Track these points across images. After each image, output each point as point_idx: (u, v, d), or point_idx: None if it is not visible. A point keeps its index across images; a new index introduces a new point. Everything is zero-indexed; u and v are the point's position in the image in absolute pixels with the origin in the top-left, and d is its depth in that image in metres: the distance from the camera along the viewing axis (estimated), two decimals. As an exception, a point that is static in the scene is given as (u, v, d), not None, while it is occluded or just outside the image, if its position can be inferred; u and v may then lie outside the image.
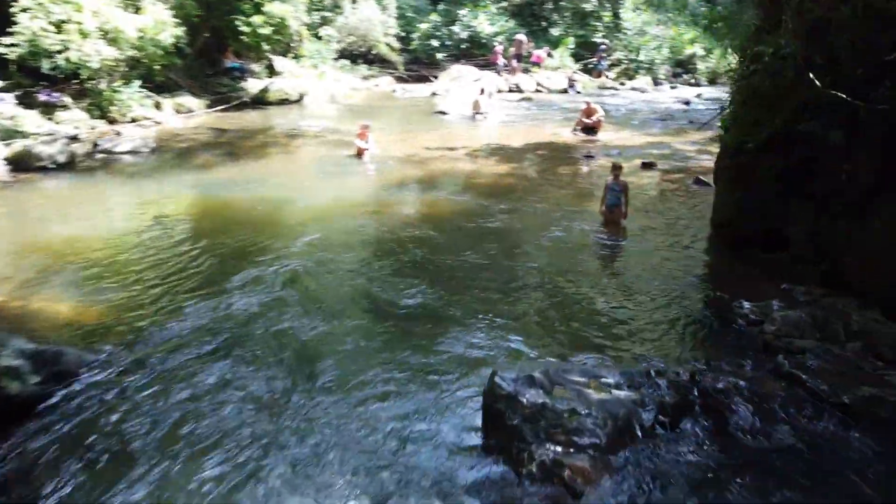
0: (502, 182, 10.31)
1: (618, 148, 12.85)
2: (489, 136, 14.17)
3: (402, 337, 5.30)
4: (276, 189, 9.81)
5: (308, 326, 5.43)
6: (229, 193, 9.51)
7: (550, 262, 6.96)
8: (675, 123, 16.04)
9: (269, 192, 9.62)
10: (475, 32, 24.80)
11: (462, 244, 7.40)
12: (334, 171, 11.00)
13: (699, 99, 20.75)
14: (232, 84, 18.93)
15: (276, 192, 9.66)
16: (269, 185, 9.97)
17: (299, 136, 14.15)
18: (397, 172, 10.93)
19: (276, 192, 9.61)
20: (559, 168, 11.34)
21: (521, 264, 6.88)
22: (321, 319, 5.58)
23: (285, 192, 9.64)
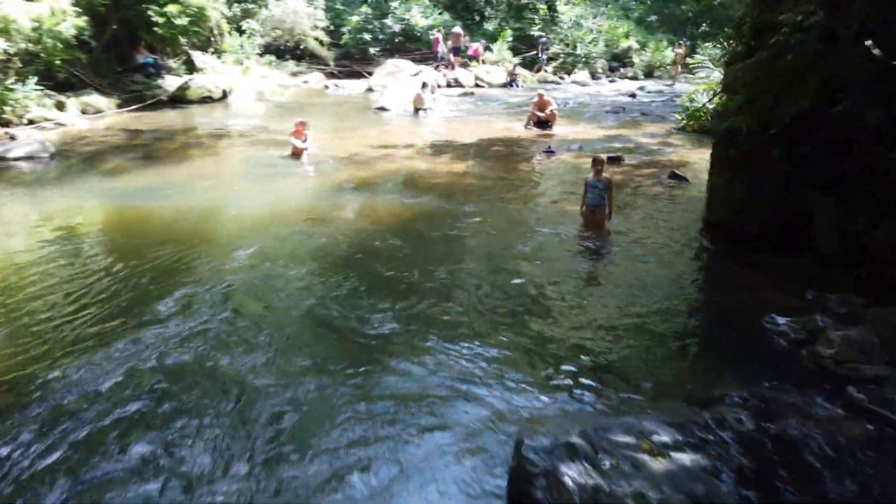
0: (461, 182, 9.26)
1: (577, 142, 12.03)
2: (436, 132, 13.12)
3: (374, 375, 4.19)
4: (202, 196, 8.45)
5: (256, 366, 4.26)
6: (147, 203, 8.10)
7: (533, 274, 5.96)
8: (628, 116, 15.41)
9: (195, 199, 8.27)
10: (409, 25, 23.69)
11: (428, 255, 6.33)
12: (269, 174, 9.69)
13: (643, 91, 20.31)
14: (147, 81, 17.15)
15: (203, 199, 8.31)
16: (194, 192, 8.60)
17: (226, 136, 12.69)
18: (341, 173, 9.73)
19: (203, 200, 8.26)
20: (520, 165, 10.39)
21: (501, 277, 5.84)
22: (272, 355, 4.42)
23: (214, 200, 8.31)
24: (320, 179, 9.52)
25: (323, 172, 9.92)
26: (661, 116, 15.21)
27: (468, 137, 12.46)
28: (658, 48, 27.87)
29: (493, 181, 9.36)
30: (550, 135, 12.84)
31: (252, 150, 11.41)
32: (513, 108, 16.82)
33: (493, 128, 13.65)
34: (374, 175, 9.65)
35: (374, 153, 11.09)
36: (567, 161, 10.51)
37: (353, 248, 6.57)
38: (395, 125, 13.94)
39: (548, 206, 8.13)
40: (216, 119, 14.78)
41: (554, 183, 9.22)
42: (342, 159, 10.65)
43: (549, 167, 10.18)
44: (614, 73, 26.87)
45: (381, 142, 12.03)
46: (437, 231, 7.12)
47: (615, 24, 28.55)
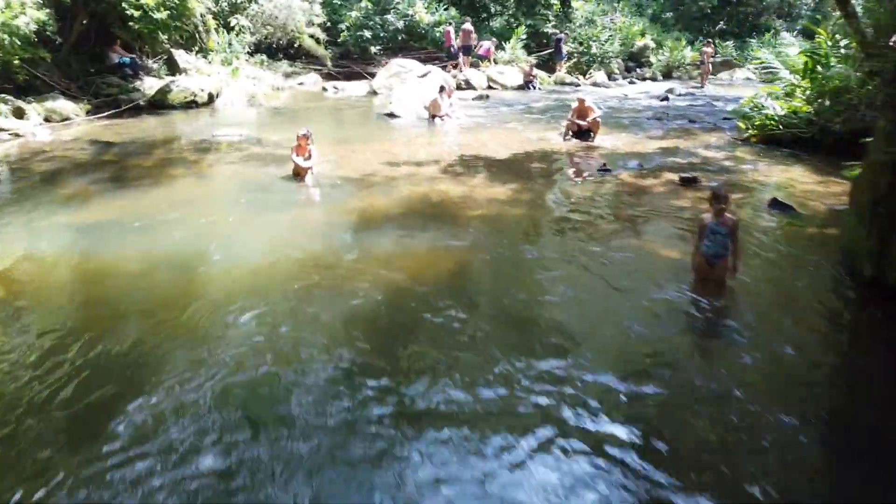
0: (509, 214, 7.36)
1: (630, 156, 10.16)
2: (460, 144, 11.20)
3: None
4: (183, 235, 6.52)
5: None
6: (111, 246, 6.18)
7: (642, 356, 4.09)
8: (674, 123, 13.55)
9: (173, 240, 6.34)
10: (412, 22, 21.75)
11: (501, 338, 4.43)
12: (265, 202, 7.77)
13: (673, 94, 18.47)
14: (122, 84, 15.18)
15: (183, 239, 6.38)
16: (172, 230, 6.67)
17: (212, 150, 10.72)
18: (356, 200, 7.82)
19: (183, 241, 6.33)
20: (574, 189, 8.49)
21: (600, 362, 3.96)
22: None
23: (197, 240, 6.37)
24: (331, 209, 7.58)
25: (333, 199, 7.98)
26: (713, 124, 13.37)
27: (500, 151, 10.56)
28: (676, 47, 26.10)
29: (548, 212, 7.47)
30: (594, 147, 10.97)
31: (244, 169, 9.46)
32: (538, 113, 14.94)
33: (524, 138, 11.76)
34: (397, 203, 7.72)
35: (391, 171, 9.17)
36: (630, 183, 8.64)
37: (391, 320, 4.68)
38: (410, 135, 12.00)
39: (633, 247, 6.23)
40: (201, 128, 12.80)
41: (627, 215, 7.32)
42: (354, 180, 8.73)
43: (611, 192, 8.28)
44: (630, 74, 25.08)
45: (397, 157, 10.11)
46: (501, 292, 5.22)
47: (630, 21, 26.76)
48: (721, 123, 13.40)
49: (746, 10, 29.47)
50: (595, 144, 11.12)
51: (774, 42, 26.87)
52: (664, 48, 26.26)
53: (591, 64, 23.96)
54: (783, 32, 27.87)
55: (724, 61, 25.66)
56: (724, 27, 29.66)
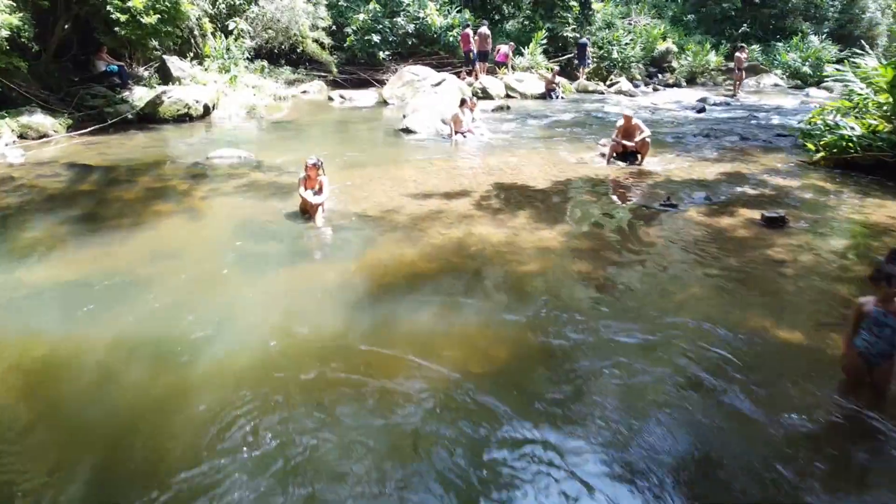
0: (568, 271, 5.95)
1: (692, 185, 8.75)
2: (489, 168, 9.77)
3: None
4: (166, 302, 5.17)
5: None
6: (73, 322, 4.84)
7: None
8: (725, 141, 12.11)
9: (154, 311, 4.99)
10: (424, 25, 20.31)
11: (575, 460, 3.04)
12: (267, 253, 6.37)
13: (707, 104, 17.03)
14: (109, 95, 13.76)
15: (166, 310, 5.03)
16: (153, 294, 5.30)
17: (206, 177, 9.30)
18: (378, 250, 6.42)
19: (166, 313, 4.98)
20: (639, 232, 7.06)
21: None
22: None
23: (183, 312, 5.00)
24: (348, 263, 6.17)
25: (349, 247, 6.58)
26: (768, 142, 11.95)
27: (537, 178, 9.14)
28: (700, 52, 24.67)
29: (614, 267, 6.04)
30: (644, 172, 9.55)
31: (242, 202, 8.05)
32: (569, 128, 13.52)
33: (560, 160, 10.34)
34: (428, 254, 6.32)
35: (416, 207, 7.76)
36: (703, 223, 7.22)
37: (442, 449, 3.27)
38: (431, 157, 10.58)
39: (739, 327, 4.81)
40: (195, 146, 11.39)
41: (715, 273, 5.89)
42: (373, 219, 7.32)
43: (685, 237, 6.86)
44: (652, 80, 23.64)
45: (421, 185, 8.70)
46: (583, 402, 3.81)
47: (650, 24, 25.35)
48: (776, 141, 11.98)
49: (771, 13, 28.03)
50: (644, 169, 9.71)
51: (802, 46, 25.52)
52: (687, 53, 24.82)
53: (611, 70, 22.55)
54: (811, 36, 26.54)
55: (751, 66, 24.22)
56: (748, 30, 28.23)
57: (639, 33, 23.87)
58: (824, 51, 25.21)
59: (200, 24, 16.63)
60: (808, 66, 24.86)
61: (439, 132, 12.47)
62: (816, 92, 21.51)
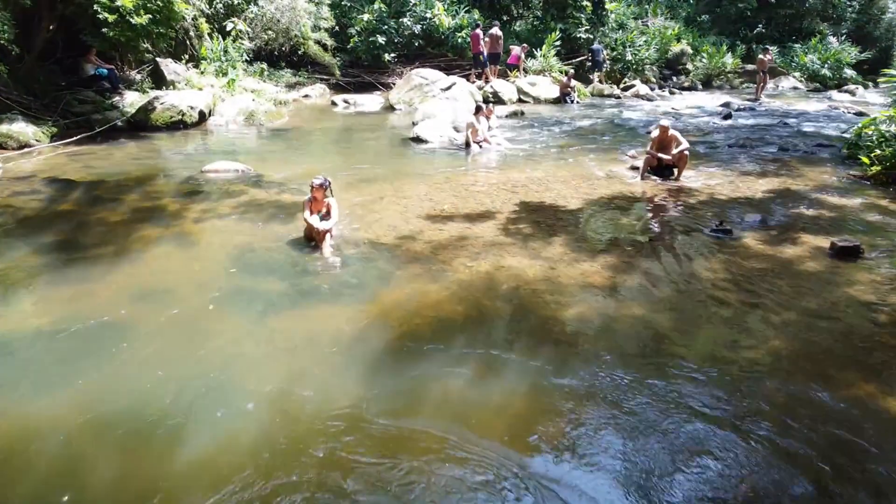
0: (620, 316, 5.08)
1: (739, 205, 7.87)
2: (513, 185, 8.87)
3: None
4: (143, 358, 4.38)
5: None
6: (32, 387, 3.99)
7: None
8: (764, 152, 11.21)
9: (133, 379, 4.18)
10: (431, 25, 19.41)
11: None
12: (267, 293, 5.51)
13: (733, 110, 16.11)
14: (98, 100, 12.86)
15: (142, 370, 4.23)
16: (129, 348, 4.50)
17: (199, 195, 8.41)
18: (395, 292, 5.57)
19: (142, 375, 4.19)
20: (694, 264, 6.16)
21: None
22: None
23: (163, 375, 4.18)
24: (360, 306, 5.30)
25: (362, 285, 5.70)
26: (809, 153, 11.06)
27: (567, 197, 8.25)
28: (716, 54, 23.76)
29: (672, 311, 5.15)
30: (684, 189, 8.65)
31: (238, 226, 7.16)
32: (590, 136, 12.63)
33: (588, 174, 9.45)
34: (454, 294, 5.45)
35: (436, 232, 6.87)
36: (763, 254, 6.33)
37: None
38: (446, 170, 9.69)
39: (842, 396, 3.93)
40: (189, 158, 10.49)
41: (793, 319, 5.00)
42: (388, 248, 6.44)
43: (746, 271, 5.96)
44: (667, 83, 22.73)
45: (437, 205, 7.82)
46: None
47: (663, 24, 24.47)
48: (817, 151, 11.09)
49: (787, 13, 27.15)
50: (683, 185, 8.82)
51: (821, 47, 24.65)
52: (702, 54, 23.92)
53: (625, 72, 21.65)
54: (830, 37, 25.67)
55: (769, 69, 23.32)
56: (763, 31, 27.34)
57: (652, 34, 22.96)
58: (844, 52, 24.32)
59: (196, 24, 15.74)
60: (827, 68, 23.98)
61: (452, 141, 11.59)
62: (839, 96, 20.65)
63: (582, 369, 4.27)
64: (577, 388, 4.06)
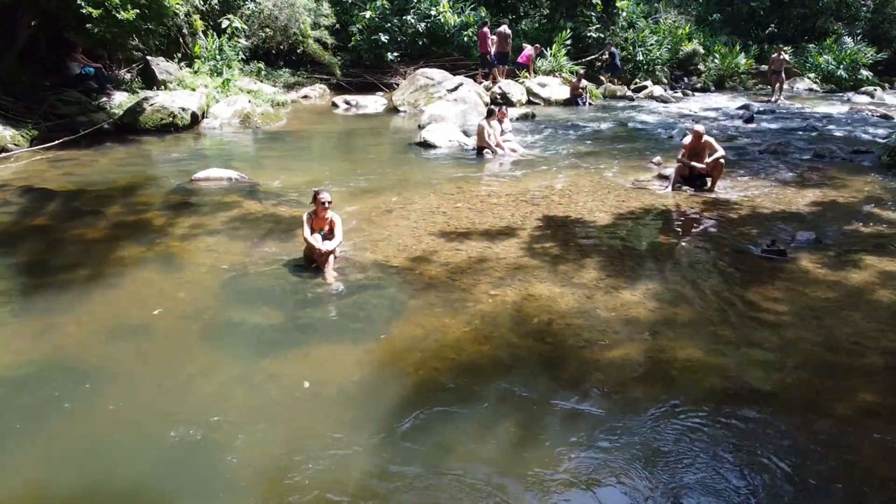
0: (674, 361, 4.34)
1: (785, 220, 7.11)
2: (532, 196, 8.10)
3: None
4: (118, 425, 3.71)
5: None
6: None
7: None
8: (796, 159, 10.44)
9: (99, 446, 3.53)
10: (436, 24, 18.63)
11: None
12: (262, 329, 4.80)
13: (754, 112, 15.34)
14: (84, 101, 12.09)
15: (116, 442, 3.54)
16: (101, 409, 3.83)
17: (189, 206, 7.63)
18: (410, 326, 4.82)
19: (115, 448, 3.49)
20: (749, 290, 5.40)
21: None
22: None
23: (142, 446, 3.47)
24: (370, 346, 4.56)
25: (371, 318, 4.96)
26: (846, 159, 10.30)
27: (594, 210, 7.49)
28: (728, 54, 22.98)
29: (742, 359, 4.38)
30: (724, 201, 7.90)
31: (232, 244, 6.38)
32: (609, 141, 11.87)
33: (613, 184, 8.68)
34: (477, 331, 4.71)
35: (451, 253, 6.11)
36: (826, 279, 5.58)
37: None
38: (457, 179, 8.92)
39: None
40: (179, 164, 9.72)
41: (878, 362, 4.25)
42: (399, 272, 5.68)
43: (815, 299, 5.21)
44: (679, 84, 21.95)
45: (452, 220, 7.05)
46: None
47: (675, 22, 23.72)
48: (855, 158, 10.33)
49: (801, 13, 26.38)
50: (720, 196, 8.05)
51: (836, 48, 23.91)
52: (714, 55, 23.15)
53: (636, 73, 20.89)
54: (845, 37, 24.92)
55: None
56: (775, 30, 26.57)
57: (663, 34, 22.18)
58: (860, 53, 23.55)
59: (190, 21, 14.96)
60: (842, 69, 23.20)
61: (462, 146, 10.82)
62: (858, 98, 19.89)
63: (635, 427, 3.54)
64: (631, 452, 3.32)
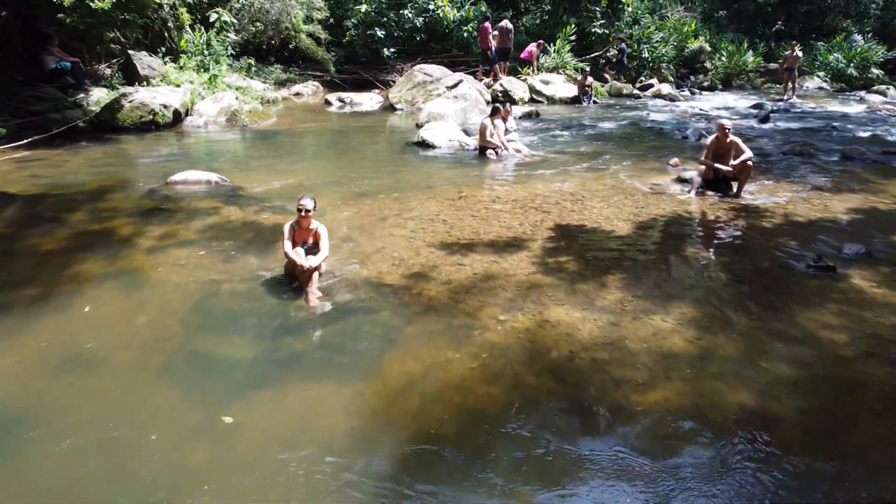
0: (730, 403, 3.62)
1: (831, 231, 6.37)
2: (543, 200, 7.36)
3: None
4: (60, 488, 2.82)
5: None
6: None
7: None
8: (823, 161, 9.71)
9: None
10: (434, 18, 17.88)
11: None
12: (233, 364, 4.09)
13: (767, 112, 14.61)
14: (60, 97, 11.29)
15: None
16: (38, 467, 3.11)
17: (162, 213, 6.86)
18: (404, 358, 4.13)
19: None
20: (799, 315, 4.68)
21: None
22: None
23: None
24: (359, 386, 3.86)
25: (361, 350, 4.24)
26: (878, 162, 9.59)
27: (611, 217, 6.74)
28: (736, 52, 22.27)
29: (803, 403, 3.66)
30: (754, 208, 7.16)
31: (206, 258, 5.63)
32: (620, 142, 11.12)
33: (629, 187, 7.94)
34: (486, 366, 4.01)
35: (453, 268, 5.37)
36: (882, 300, 4.83)
37: None
38: (459, 182, 8.17)
39: None
40: (157, 165, 8.95)
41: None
42: (394, 292, 4.95)
43: (877, 325, 4.48)
44: (685, 83, 21.23)
45: (453, 229, 6.31)
46: None
47: (682, 18, 23.01)
48: (887, 160, 9.62)
49: (808, 9, 25.67)
50: (749, 202, 7.32)
51: (846, 45, 23.24)
52: (721, 52, 22.45)
53: (641, 71, 20.17)
54: (855, 35, 24.24)
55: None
56: (782, 28, 25.88)
57: (669, 31, 21.47)
58: (871, 51, 22.87)
59: (176, 14, 14.17)
60: (853, 67, 22.53)
61: (464, 146, 10.08)
62: (871, 97, 19.22)
63: (681, 496, 2.80)
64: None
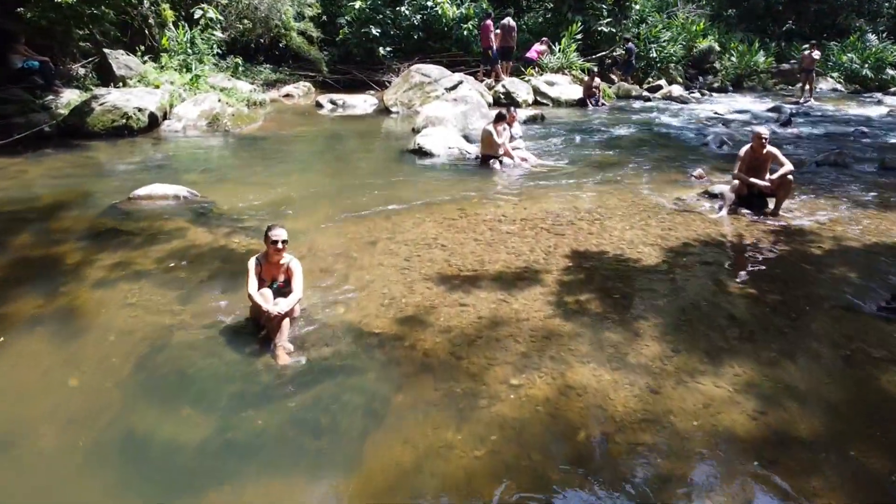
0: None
1: (883, 257, 5.49)
2: (555, 220, 6.47)
3: None
4: None
5: None
6: None
7: None
8: (861, 170, 8.84)
9: None
10: (433, 16, 16.97)
11: None
12: (180, 449, 3.18)
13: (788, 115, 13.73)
14: (27, 99, 10.42)
15: None
16: None
17: (118, 235, 5.97)
18: (394, 442, 3.25)
19: None
20: (883, 377, 3.76)
21: None
22: None
23: None
24: (336, 483, 2.95)
25: (340, 429, 3.40)
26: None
27: (635, 241, 5.87)
28: (747, 52, 21.40)
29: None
30: (796, 230, 6.27)
31: (159, 297, 4.74)
32: (634, 149, 10.22)
33: (652, 203, 7.05)
34: (497, 455, 3.19)
35: (453, 310, 4.50)
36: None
37: None
38: (461, 198, 7.28)
39: None
40: (124, 176, 8.06)
41: None
42: (381, 344, 4.09)
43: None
44: (694, 84, 20.35)
45: (454, 256, 5.42)
46: None
47: (691, 16, 22.14)
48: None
49: (819, 9, 24.80)
50: (790, 223, 6.43)
51: (860, 45, 22.37)
52: (731, 52, 21.57)
53: (648, 71, 19.30)
54: (869, 34, 23.37)
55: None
56: (793, 27, 25.01)
57: (677, 30, 20.60)
58: (886, 51, 21.99)
59: (158, 10, 13.28)
60: (867, 68, 21.66)
61: (464, 154, 9.21)
62: (889, 99, 18.36)
63: None
64: None
